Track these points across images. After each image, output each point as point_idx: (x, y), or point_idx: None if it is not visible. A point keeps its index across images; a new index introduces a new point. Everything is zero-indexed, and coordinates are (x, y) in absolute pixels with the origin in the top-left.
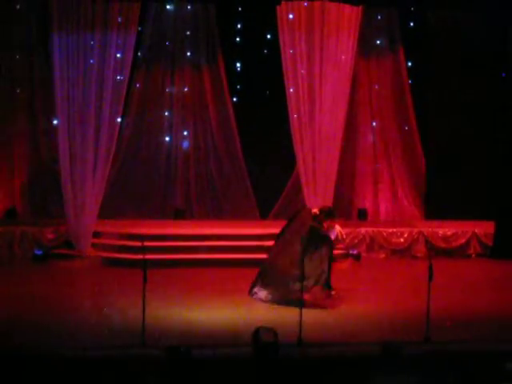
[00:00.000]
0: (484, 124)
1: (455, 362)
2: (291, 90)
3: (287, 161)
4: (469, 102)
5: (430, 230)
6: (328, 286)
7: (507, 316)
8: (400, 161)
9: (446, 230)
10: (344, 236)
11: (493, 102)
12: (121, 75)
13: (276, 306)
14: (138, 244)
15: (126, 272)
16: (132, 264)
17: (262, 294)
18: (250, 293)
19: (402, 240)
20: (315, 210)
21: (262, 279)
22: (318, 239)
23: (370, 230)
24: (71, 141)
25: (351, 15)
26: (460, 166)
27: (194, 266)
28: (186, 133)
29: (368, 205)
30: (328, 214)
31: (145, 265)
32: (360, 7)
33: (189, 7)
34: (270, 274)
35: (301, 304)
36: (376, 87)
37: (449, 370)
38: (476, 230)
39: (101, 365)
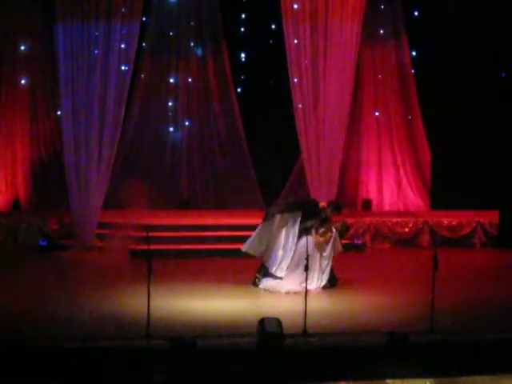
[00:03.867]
0: (488, 113)
1: (459, 352)
2: (295, 80)
3: (292, 151)
4: (472, 91)
5: (434, 219)
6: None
7: (510, 305)
8: (404, 150)
9: (450, 220)
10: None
11: (495, 92)
12: (125, 65)
13: (281, 296)
14: (143, 234)
15: (132, 262)
16: (137, 254)
17: (270, 283)
18: (256, 283)
19: (406, 230)
20: (323, 204)
21: (268, 269)
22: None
23: (374, 220)
24: (75, 131)
25: (355, 5)
26: (464, 155)
27: (200, 256)
28: (190, 123)
29: (372, 195)
30: (335, 207)
31: (149, 255)
32: None
33: None
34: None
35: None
36: (380, 77)
37: (452, 360)
38: (481, 220)
39: (105, 356)
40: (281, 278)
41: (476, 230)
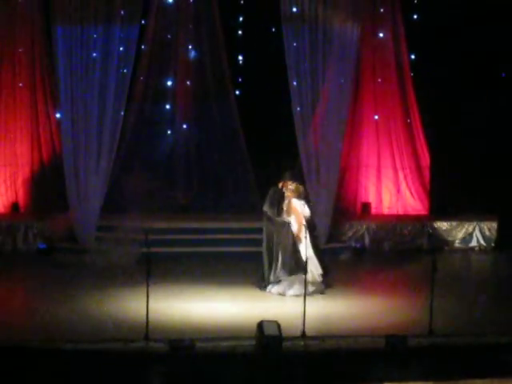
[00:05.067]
0: (488, 114)
1: (458, 355)
2: (294, 83)
3: (290, 154)
4: (472, 93)
5: (433, 223)
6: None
7: (508, 308)
8: (403, 154)
9: (449, 223)
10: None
11: (495, 93)
12: (124, 68)
13: (280, 299)
14: (142, 237)
15: (131, 264)
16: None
17: (275, 288)
18: (263, 287)
19: (405, 233)
20: (280, 183)
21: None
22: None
23: (373, 223)
24: (74, 134)
25: (354, 8)
26: (464, 159)
27: (198, 259)
28: (188, 126)
29: (372, 198)
30: (291, 176)
31: (148, 258)
32: None
33: (191, 0)
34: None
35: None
36: (379, 80)
37: (451, 363)
38: (480, 223)
39: (104, 358)
40: (280, 281)
41: (475, 234)
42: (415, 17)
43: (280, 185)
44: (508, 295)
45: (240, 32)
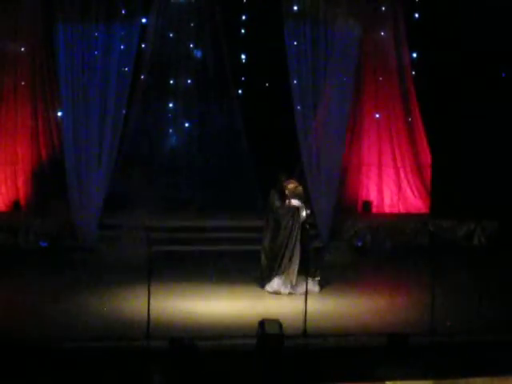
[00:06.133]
0: (488, 114)
1: (459, 353)
2: (295, 82)
3: (292, 152)
4: (472, 92)
5: (434, 221)
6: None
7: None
8: (404, 152)
9: (450, 221)
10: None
11: (495, 92)
12: (125, 67)
13: (281, 297)
14: (144, 235)
15: (132, 264)
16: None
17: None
18: (264, 285)
19: (406, 231)
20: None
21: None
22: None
23: (374, 221)
24: (76, 132)
25: (355, 6)
26: (464, 157)
27: (200, 258)
28: (190, 124)
29: (373, 196)
30: (287, 177)
31: (149, 256)
32: None
33: None
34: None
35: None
36: (380, 79)
37: (453, 361)
38: (481, 221)
39: (105, 356)
40: (281, 280)
41: (476, 232)
42: (416, 16)
43: (281, 184)
44: (509, 293)
45: (242, 31)
